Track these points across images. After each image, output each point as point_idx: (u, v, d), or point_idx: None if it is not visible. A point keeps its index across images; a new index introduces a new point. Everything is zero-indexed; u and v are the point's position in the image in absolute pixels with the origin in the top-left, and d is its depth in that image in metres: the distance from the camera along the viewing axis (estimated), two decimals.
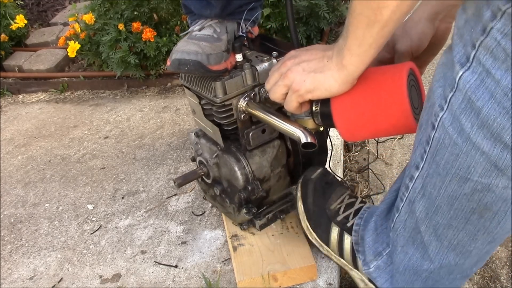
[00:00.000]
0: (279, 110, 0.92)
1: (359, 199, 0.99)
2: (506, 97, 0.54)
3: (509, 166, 0.58)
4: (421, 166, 0.70)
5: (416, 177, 0.72)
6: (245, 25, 0.99)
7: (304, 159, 1.06)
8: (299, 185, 1.02)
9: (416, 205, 0.73)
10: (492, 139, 0.57)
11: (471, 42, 0.56)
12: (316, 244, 0.99)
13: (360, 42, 0.65)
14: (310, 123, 0.83)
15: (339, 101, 0.74)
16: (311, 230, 0.99)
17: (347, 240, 0.94)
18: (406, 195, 0.75)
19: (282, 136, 1.04)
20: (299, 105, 0.78)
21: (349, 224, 0.94)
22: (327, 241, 0.97)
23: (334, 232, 0.95)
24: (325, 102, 0.76)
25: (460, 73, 0.57)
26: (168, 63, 0.92)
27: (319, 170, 1.03)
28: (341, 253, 0.95)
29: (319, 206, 0.99)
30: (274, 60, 0.95)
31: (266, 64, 0.94)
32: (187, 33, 0.98)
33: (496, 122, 0.56)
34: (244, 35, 0.99)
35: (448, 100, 0.61)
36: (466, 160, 0.61)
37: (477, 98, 0.56)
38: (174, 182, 1.04)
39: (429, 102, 0.66)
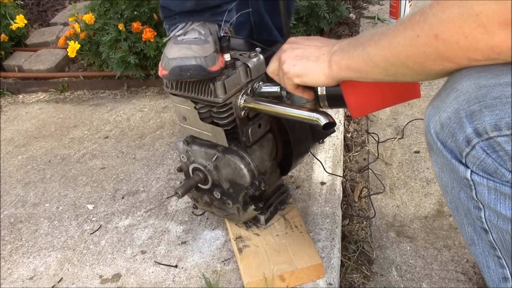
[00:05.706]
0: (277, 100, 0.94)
1: None
2: None
3: None
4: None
5: None
6: (225, 26, 1.01)
7: (294, 149, 1.07)
8: None
9: None
10: None
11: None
12: None
13: (356, 65, 0.67)
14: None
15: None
16: None
17: None
18: None
19: (270, 129, 1.05)
20: (294, 88, 0.79)
21: None
22: None
23: None
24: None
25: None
26: (164, 72, 0.91)
27: None
28: None
29: None
30: (261, 56, 0.97)
31: (255, 59, 0.96)
32: (169, 39, 0.97)
33: None
34: (226, 36, 1.00)
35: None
36: None
37: None
38: (176, 193, 1.01)
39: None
